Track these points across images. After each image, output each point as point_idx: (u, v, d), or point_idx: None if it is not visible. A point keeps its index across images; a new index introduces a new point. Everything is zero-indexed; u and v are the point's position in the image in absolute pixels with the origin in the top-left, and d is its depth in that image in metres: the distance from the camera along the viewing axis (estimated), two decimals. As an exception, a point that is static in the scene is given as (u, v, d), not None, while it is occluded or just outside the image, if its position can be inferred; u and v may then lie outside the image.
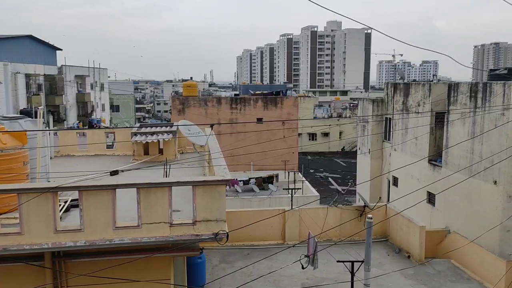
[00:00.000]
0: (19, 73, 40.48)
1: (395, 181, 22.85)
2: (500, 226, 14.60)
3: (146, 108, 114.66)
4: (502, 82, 15.16)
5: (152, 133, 13.54)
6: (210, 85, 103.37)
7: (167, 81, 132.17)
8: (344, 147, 67.84)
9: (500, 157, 14.45)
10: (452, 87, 18.14)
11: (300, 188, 28.46)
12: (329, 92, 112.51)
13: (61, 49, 52.28)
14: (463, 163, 16.75)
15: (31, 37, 46.26)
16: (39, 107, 12.02)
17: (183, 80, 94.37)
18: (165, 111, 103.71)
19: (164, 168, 10.56)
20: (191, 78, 54.92)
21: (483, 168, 15.28)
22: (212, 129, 13.30)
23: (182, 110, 37.73)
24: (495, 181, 15.12)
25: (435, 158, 19.27)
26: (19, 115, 11.22)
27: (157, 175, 10.55)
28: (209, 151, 11.72)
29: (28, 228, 7.28)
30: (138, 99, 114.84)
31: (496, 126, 14.88)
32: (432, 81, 24.04)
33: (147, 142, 13.27)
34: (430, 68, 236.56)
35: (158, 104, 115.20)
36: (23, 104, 40.92)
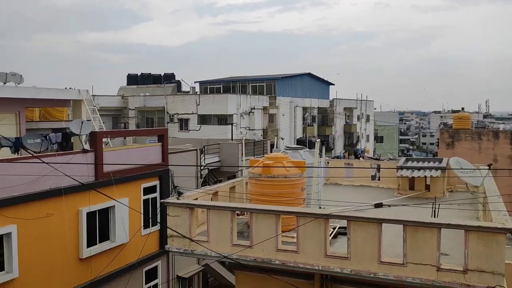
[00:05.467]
0: (297, 106, 48.12)
1: None
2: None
3: (411, 139, 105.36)
4: None
5: (419, 168, 12.82)
6: (485, 117, 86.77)
7: (435, 112, 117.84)
8: None
9: None
10: None
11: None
12: None
13: (333, 84, 58.74)
14: None
15: (309, 75, 53.62)
16: (316, 140, 12.32)
17: (453, 111, 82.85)
18: (431, 144, 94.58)
19: (433, 207, 9.81)
20: (463, 109, 47.16)
21: None
22: (490, 169, 12.13)
23: (451, 143, 33.76)
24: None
25: None
26: (299, 146, 12.44)
27: (422, 212, 9.64)
28: (484, 192, 10.91)
29: (303, 248, 7.68)
30: (402, 130, 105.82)
31: None
32: None
33: (413, 177, 12.70)
34: None
35: (424, 136, 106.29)
36: (299, 134, 48.16)
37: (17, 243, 11.83)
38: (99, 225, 14.53)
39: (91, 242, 14.17)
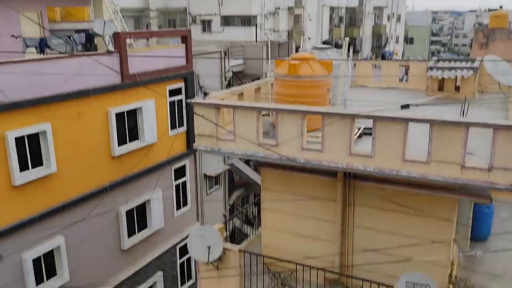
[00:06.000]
0: (324, 5, 44.91)
1: None
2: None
3: (442, 41, 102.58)
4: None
5: (450, 68, 12.65)
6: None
7: (471, 11, 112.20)
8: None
9: None
10: None
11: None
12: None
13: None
14: None
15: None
16: (344, 39, 12.17)
17: (490, 10, 78.62)
18: (463, 45, 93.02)
19: (462, 107, 9.83)
20: (501, 7, 45.25)
21: None
22: None
23: (485, 44, 32.39)
24: None
25: None
26: (326, 46, 12.29)
27: (451, 113, 9.76)
28: (517, 92, 10.68)
29: (327, 148, 7.97)
30: (434, 31, 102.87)
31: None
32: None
33: (443, 77, 12.54)
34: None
35: (456, 37, 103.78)
36: (325, 36, 45.40)
37: (53, 140, 12.41)
38: (128, 126, 14.97)
39: (121, 142, 14.73)
